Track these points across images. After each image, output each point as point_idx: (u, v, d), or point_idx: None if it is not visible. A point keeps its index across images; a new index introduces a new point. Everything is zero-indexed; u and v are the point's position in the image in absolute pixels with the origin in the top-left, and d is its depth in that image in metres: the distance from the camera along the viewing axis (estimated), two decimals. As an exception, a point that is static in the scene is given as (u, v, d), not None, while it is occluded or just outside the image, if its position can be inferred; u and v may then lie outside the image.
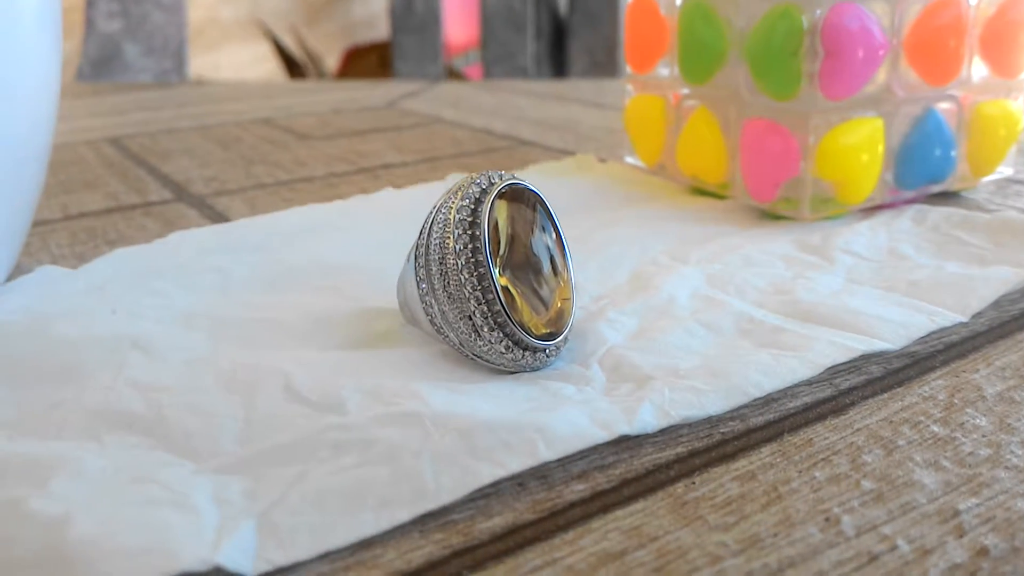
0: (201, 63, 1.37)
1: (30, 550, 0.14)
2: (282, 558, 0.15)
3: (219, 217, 0.34)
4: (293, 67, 1.50)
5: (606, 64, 0.82)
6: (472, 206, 0.20)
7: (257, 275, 0.26)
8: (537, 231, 0.21)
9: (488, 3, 0.85)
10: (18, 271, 0.27)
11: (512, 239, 0.21)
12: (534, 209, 0.21)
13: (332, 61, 1.62)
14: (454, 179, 0.35)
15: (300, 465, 0.17)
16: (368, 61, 1.47)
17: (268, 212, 0.34)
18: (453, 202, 0.20)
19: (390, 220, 0.30)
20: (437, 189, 0.34)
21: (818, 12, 0.27)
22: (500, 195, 0.20)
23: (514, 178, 0.21)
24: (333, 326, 0.23)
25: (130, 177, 0.41)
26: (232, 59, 1.50)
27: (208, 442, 0.18)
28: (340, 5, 1.77)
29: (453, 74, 1.37)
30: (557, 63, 0.93)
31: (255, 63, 1.56)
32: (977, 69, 0.31)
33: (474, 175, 0.21)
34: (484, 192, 0.20)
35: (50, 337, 0.22)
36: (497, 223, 0.20)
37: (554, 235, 0.21)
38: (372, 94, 0.65)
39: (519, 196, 0.21)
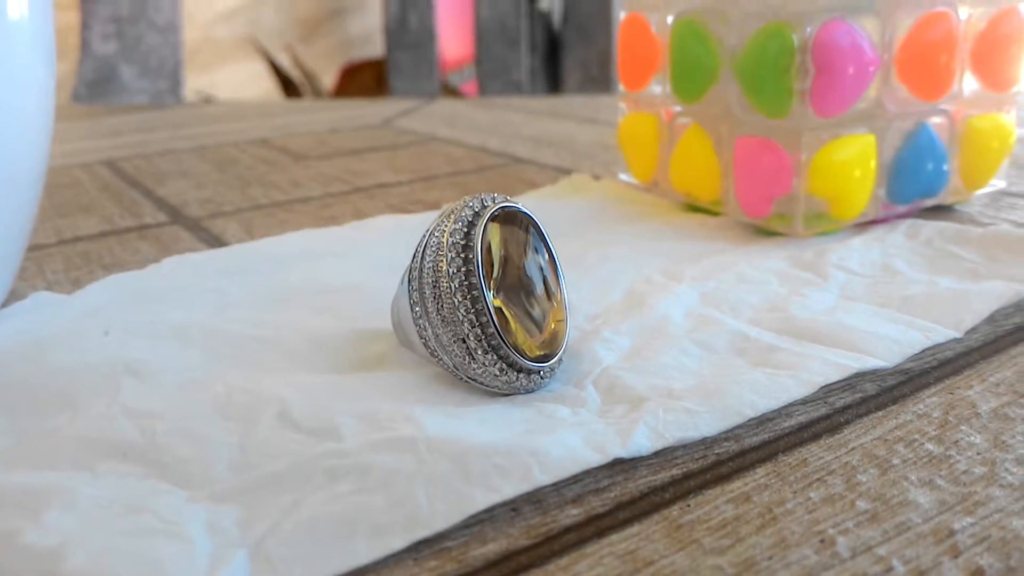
0: (197, 83, 1.38)
1: (23, 583, 0.14)
2: (275, 588, 0.15)
3: (214, 240, 0.34)
4: (289, 86, 1.51)
5: (600, 79, 0.82)
6: (465, 229, 0.20)
7: (253, 295, 0.26)
8: (530, 252, 0.21)
9: (482, 18, 0.85)
10: (13, 296, 0.27)
11: (505, 261, 0.21)
12: (527, 231, 0.21)
13: (328, 79, 1.63)
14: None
15: (294, 493, 0.17)
16: (364, 78, 1.48)
17: (264, 234, 0.34)
18: (446, 225, 0.20)
19: (386, 243, 0.30)
20: (431, 215, 0.35)
21: (808, 30, 0.27)
22: (493, 218, 0.20)
23: (507, 200, 0.21)
24: (329, 348, 0.23)
25: (125, 200, 0.41)
26: (228, 79, 1.50)
27: (202, 469, 0.18)
28: (336, 23, 1.78)
29: (448, 90, 1.38)
30: (552, 77, 0.94)
31: (251, 82, 1.56)
32: (968, 83, 0.31)
33: (467, 198, 0.21)
34: (477, 215, 0.20)
35: (44, 364, 0.22)
36: (490, 246, 0.20)
37: (547, 256, 0.21)
38: (368, 112, 0.65)
39: (512, 218, 0.21)
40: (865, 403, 0.20)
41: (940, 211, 0.32)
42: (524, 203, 0.21)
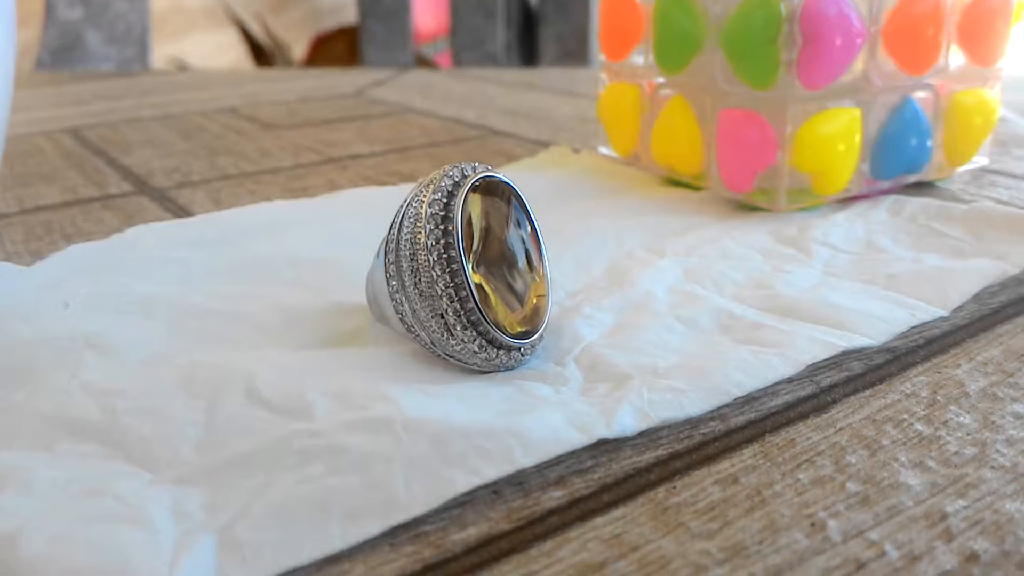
0: (165, 51, 1.34)
1: (-25, 571, 0.14)
2: (243, 575, 0.14)
3: (180, 210, 0.33)
4: (260, 55, 1.48)
5: (578, 53, 0.81)
6: (444, 200, 0.19)
7: (220, 266, 0.25)
8: (512, 225, 0.20)
9: (458, -11, 0.84)
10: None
11: (486, 233, 0.20)
12: (508, 203, 0.20)
13: (300, 49, 1.60)
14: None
15: (264, 475, 0.16)
16: (337, 48, 1.45)
17: (232, 204, 0.33)
18: (424, 195, 0.20)
19: (360, 215, 0.29)
20: (401, 190, 0.34)
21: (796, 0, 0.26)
22: (473, 188, 0.20)
23: (488, 170, 0.20)
24: (301, 322, 0.22)
25: (89, 169, 0.40)
26: (197, 47, 1.47)
27: (166, 450, 0.17)
28: (307, -8, 1.74)
29: (422, 62, 1.35)
30: (527, 51, 0.92)
31: (220, 51, 1.53)
32: (954, 58, 0.30)
33: (446, 167, 0.20)
34: (457, 185, 0.20)
35: (2, 337, 0.21)
36: (471, 217, 0.20)
37: (529, 229, 0.21)
38: (340, 82, 0.64)
39: (493, 189, 0.20)
40: (852, 382, 0.19)
41: (922, 188, 0.32)
42: (503, 172, 0.21)
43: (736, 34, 0.28)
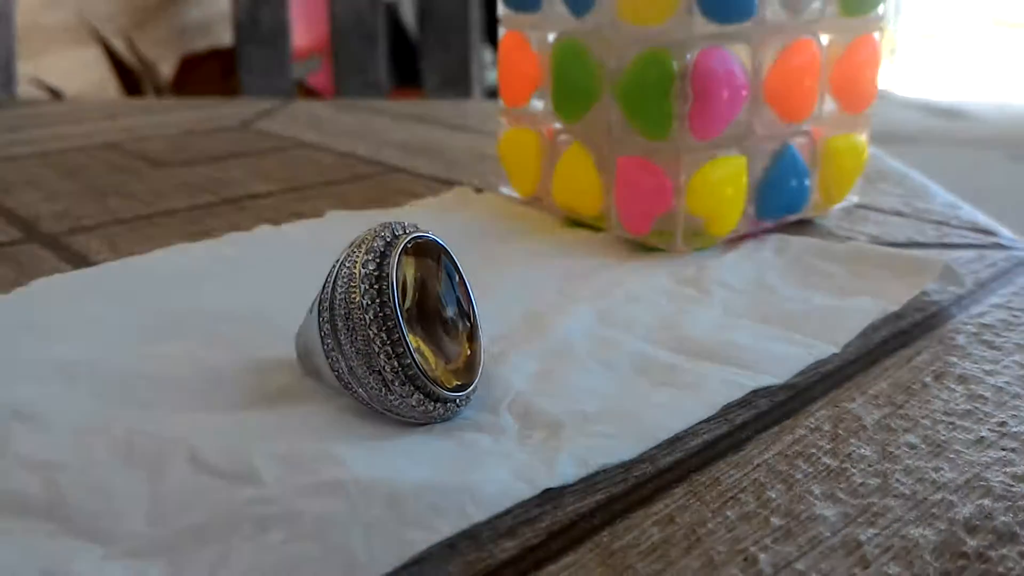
0: (25, 71, 1.28)
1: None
2: (216, 649, 0.14)
3: (78, 258, 0.32)
4: (125, 74, 1.42)
5: (460, 81, 0.82)
6: (377, 259, 0.20)
7: (136, 324, 0.25)
8: (444, 280, 0.21)
9: (337, 14, 0.83)
10: None
11: (418, 291, 0.21)
12: (438, 260, 0.21)
13: (167, 68, 1.55)
14: (333, 216, 0.35)
15: (221, 544, 0.16)
16: (208, 70, 1.42)
17: (130, 250, 0.33)
18: (357, 256, 0.20)
19: (269, 263, 0.30)
20: (313, 227, 0.34)
21: (688, 57, 0.28)
22: (405, 250, 0.20)
23: (417, 230, 0.21)
24: (227, 381, 0.22)
25: (-31, 214, 0.38)
26: (56, 67, 1.40)
27: (115, 523, 0.17)
28: (171, 8, 1.69)
29: (301, 88, 1.34)
30: (404, 76, 0.93)
31: (84, 69, 1.46)
32: (827, 106, 0.33)
33: (376, 227, 0.21)
34: (389, 245, 0.20)
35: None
36: (404, 277, 0.20)
37: (459, 285, 0.21)
38: (222, 113, 0.63)
39: (423, 248, 0.21)
40: (760, 419, 0.21)
41: (802, 225, 0.35)
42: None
43: (630, 89, 0.30)
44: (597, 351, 0.24)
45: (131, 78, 1.42)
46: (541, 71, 0.34)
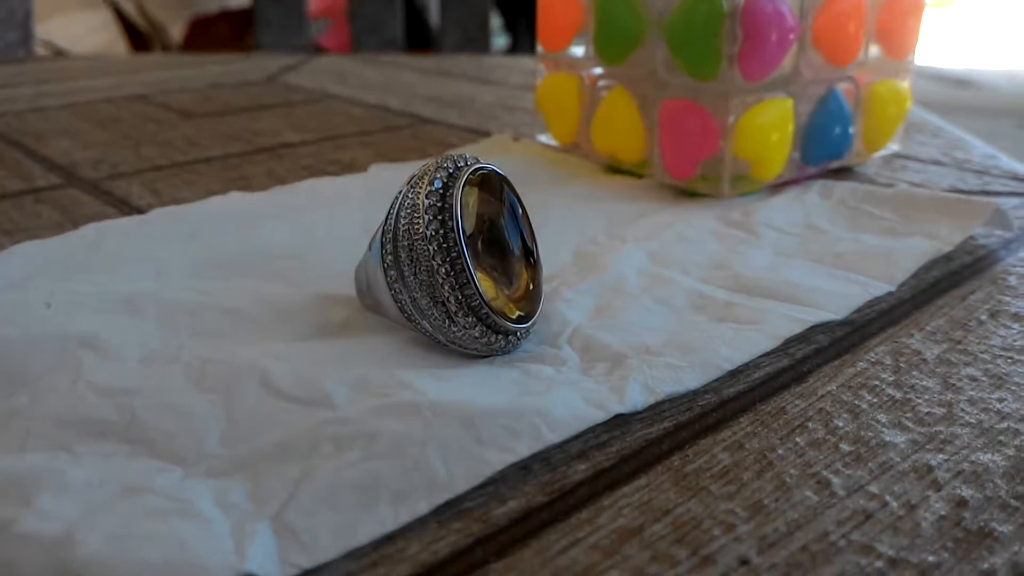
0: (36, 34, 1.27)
1: (36, 574, 0.13)
2: (307, 560, 0.14)
3: (120, 203, 0.32)
4: (135, 37, 1.42)
5: (479, 39, 0.82)
6: (441, 191, 0.20)
7: (195, 263, 0.25)
8: (506, 213, 0.21)
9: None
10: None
11: (481, 223, 0.21)
12: (501, 191, 0.21)
13: (177, 30, 1.54)
14: (376, 171, 0.34)
15: (301, 463, 0.16)
16: (218, 31, 1.41)
17: (171, 195, 0.33)
18: (420, 187, 0.20)
19: (323, 209, 0.30)
20: (364, 179, 0.34)
21: (738, -3, 0.28)
22: (468, 181, 0.20)
23: (478, 162, 0.21)
24: (290, 315, 0.22)
25: (8, 161, 0.38)
26: (66, 29, 1.39)
27: (193, 444, 0.17)
28: (182, -29, 1.67)
29: (314, 46, 1.33)
30: (417, 37, 0.92)
31: (93, 33, 1.45)
32: (871, 52, 0.33)
33: (438, 159, 0.21)
34: (452, 177, 0.20)
35: (-19, 340, 0.20)
36: (467, 208, 0.20)
37: (522, 217, 0.21)
38: (245, 68, 0.62)
39: (486, 180, 0.21)
40: (821, 353, 0.21)
41: (843, 173, 0.34)
42: (493, 164, 0.21)
43: (678, 28, 0.30)
44: (652, 288, 0.24)
45: (141, 40, 1.41)
46: (583, 15, 0.34)
